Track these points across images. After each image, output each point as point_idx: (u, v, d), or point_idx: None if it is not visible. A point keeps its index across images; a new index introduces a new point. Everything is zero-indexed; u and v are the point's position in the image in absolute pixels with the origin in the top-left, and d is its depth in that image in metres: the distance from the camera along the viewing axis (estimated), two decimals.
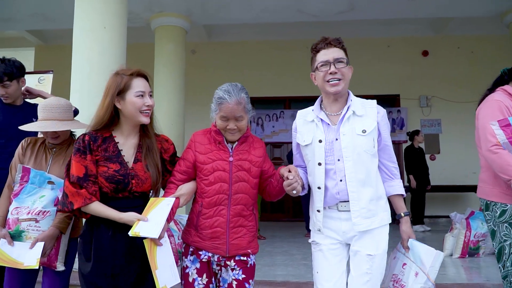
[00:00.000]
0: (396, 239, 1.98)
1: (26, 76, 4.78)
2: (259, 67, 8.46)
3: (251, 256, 1.90)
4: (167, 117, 6.20)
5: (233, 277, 1.85)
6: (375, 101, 1.92)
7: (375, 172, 1.85)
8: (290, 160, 6.42)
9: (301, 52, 8.49)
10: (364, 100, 1.93)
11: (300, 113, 2.03)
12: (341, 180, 1.81)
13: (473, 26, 7.83)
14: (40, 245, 1.99)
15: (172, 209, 1.76)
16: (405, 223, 1.87)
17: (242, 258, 1.87)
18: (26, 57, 9.37)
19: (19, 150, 2.19)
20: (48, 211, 2.05)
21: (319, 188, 1.86)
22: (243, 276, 1.86)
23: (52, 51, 8.70)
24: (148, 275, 1.75)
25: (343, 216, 1.83)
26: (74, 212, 1.75)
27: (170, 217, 1.77)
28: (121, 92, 1.78)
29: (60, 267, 2.09)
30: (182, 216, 4.17)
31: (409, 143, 7.13)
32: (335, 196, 1.83)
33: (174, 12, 6.31)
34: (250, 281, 1.88)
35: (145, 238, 1.66)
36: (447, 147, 8.13)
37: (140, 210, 1.74)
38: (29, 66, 9.44)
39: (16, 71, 2.63)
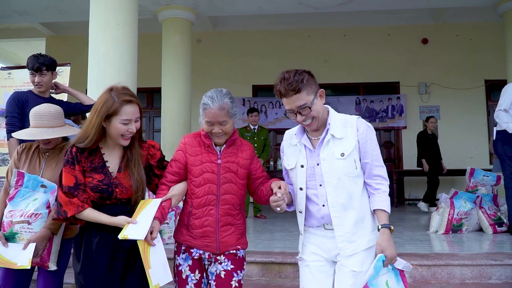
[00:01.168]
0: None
1: None
2: (262, 56, 8.87)
3: (240, 250, 2.01)
4: (175, 105, 6.68)
5: (222, 268, 1.96)
6: (355, 118, 1.89)
7: (359, 194, 1.85)
8: None
9: (303, 40, 8.91)
10: (347, 118, 1.89)
11: (287, 134, 2.03)
12: (323, 205, 1.84)
13: (471, 14, 8.16)
14: (32, 246, 2.09)
15: (164, 209, 1.90)
16: (381, 235, 1.79)
17: (231, 251, 1.98)
18: (37, 47, 9.83)
19: (15, 155, 2.31)
20: (40, 213, 2.15)
21: (300, 212, 1.92)
22: (232, 266, 1.97)
23: (63, 41, 9.16)
24: (128, 275, 1.90)
25: (329, 234, 1.86)
26: (70, 219, 1.88)
27: (163, 218, 1.89)
28: (109, 116, 1.88)
29: (52, 266, 2.19)
30: None
31: (411, 128, 7.43)
32: (319, 220, 1.88)
33: (181, 5, 6.74)
34: (239, 271, 1.99)
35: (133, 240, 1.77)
36: (445, 133, 8.51)
37: (127, 216, 1.86)
38: None
39: (51, 63, 3.10)
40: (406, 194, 8.56)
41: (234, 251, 1.99)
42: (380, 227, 1.81)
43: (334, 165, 1.81)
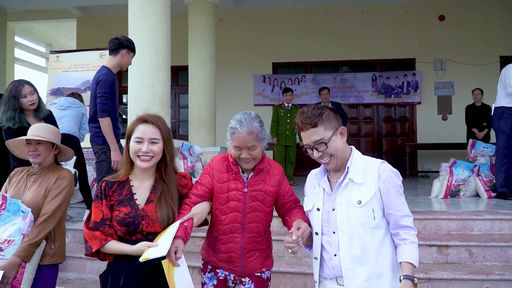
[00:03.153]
0: None
1: (89, 52, 6.13)
2: (282, 34, 9.56)
3: (265, 272, 2.07)
4: (201, 84, 7.50)
5: None
6: (378, 162, 1.79)
7: (377, 247, 1.73)
8: None
9: (321, 18, 9.53)
10: (369, 162, 1.80)
11: (310, 174, 1.98)
12: (335, 255, 1.76)
13: None
14: (0, 274, 2.10)
15: (187, 229, 1.89)
16: (402, 286, 1.67)
17: (256, 274, 2.04)
18: (70, 28, 10.71)
19: (6, 181, 2.42)
20: (14, 240, 2.15)
21: (315, 258, 1.86)
22: None
23: (93, 22, 9.98)
24: None
25: None
26: (99, 255, 1.91)
27: (187, 237, 1.88)
28: (128, 138, 1.94)
29: None
30: None
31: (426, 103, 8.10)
32: (331, 270, 1.80)
33: None
34: None
35: (156, 258, 1.77)
36: (459, 108, 9.08)
37: None
38: (72, 36, 10.76)
39: None
40: (419, 166, 9.26)
41: (259, 274, 2.06)
42: (401, 277, 1.69)
43: (350, 212, 1.74)
